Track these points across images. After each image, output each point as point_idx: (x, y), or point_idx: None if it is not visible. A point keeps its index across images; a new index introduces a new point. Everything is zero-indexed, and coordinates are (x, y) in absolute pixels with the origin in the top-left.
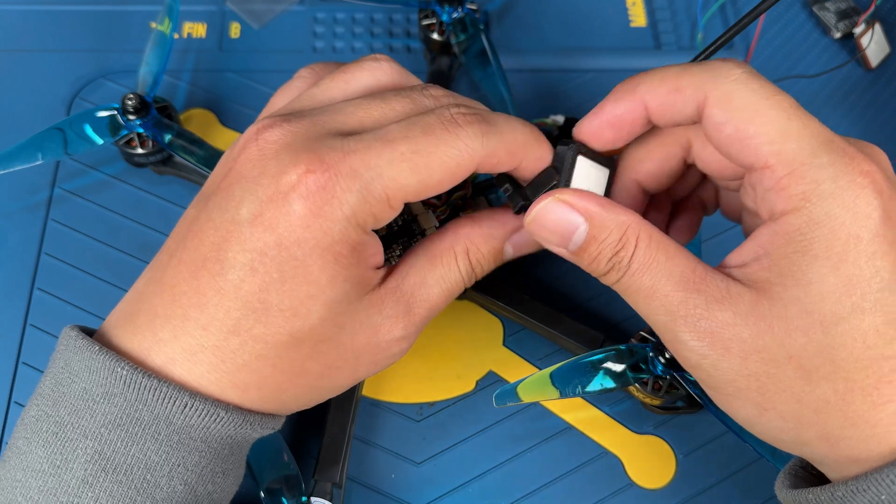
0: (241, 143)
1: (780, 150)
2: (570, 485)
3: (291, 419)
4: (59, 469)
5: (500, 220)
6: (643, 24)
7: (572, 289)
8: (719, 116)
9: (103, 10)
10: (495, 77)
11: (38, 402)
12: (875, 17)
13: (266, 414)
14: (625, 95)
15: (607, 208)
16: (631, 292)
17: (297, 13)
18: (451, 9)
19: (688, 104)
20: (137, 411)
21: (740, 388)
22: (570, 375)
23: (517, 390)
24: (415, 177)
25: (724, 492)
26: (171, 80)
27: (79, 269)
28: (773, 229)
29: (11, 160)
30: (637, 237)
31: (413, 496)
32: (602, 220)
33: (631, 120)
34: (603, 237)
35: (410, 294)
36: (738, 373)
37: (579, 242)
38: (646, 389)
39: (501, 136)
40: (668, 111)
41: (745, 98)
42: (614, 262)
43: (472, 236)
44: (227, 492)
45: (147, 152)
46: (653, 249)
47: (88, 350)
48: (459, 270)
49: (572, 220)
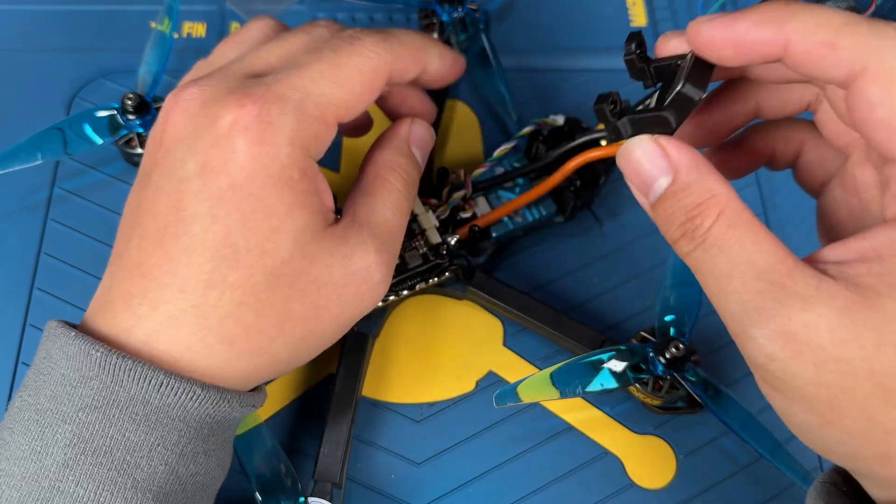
0: (162, 117)
1: None
2: (570, 485)
3: (291, 419)
4: (40, 454)
5: (394, 134)
6: (643, 23)
7: (572, 289)
8: (876, 95)
9: (103, 10)
10: (495, 77)
11: (21, 393)
12: (875, 17)
13: (245, 393)
14: (770, 23)
15: (700, 168)
16: (703, 270)
17: (298, 13)
18: (452, 9)
19: (840, 66)
20: (114, 393)
21: (807, 397)
22: (570, 376)
23: (517, 390)
24: (340, 90)
25: (725, 492)
26: (172, 80)
27: (78, 268)
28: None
29: (11, 160)
30: (720, 211)
31: (413, 496)
32: (688, 177)
33: (763, 52)
34: (682, 197)
35: (368, 222)
36: (809, 380)
37: (658, 194)
38: (646, 389)
39: (401, 41)
40: (812, 64)
41: None
42: (687, 229)
43: (385, 157)
44: (211, 476)
45: None
46: (737, 229)
47: (65, 337)
48: (395, 186)
49: (659, 166)
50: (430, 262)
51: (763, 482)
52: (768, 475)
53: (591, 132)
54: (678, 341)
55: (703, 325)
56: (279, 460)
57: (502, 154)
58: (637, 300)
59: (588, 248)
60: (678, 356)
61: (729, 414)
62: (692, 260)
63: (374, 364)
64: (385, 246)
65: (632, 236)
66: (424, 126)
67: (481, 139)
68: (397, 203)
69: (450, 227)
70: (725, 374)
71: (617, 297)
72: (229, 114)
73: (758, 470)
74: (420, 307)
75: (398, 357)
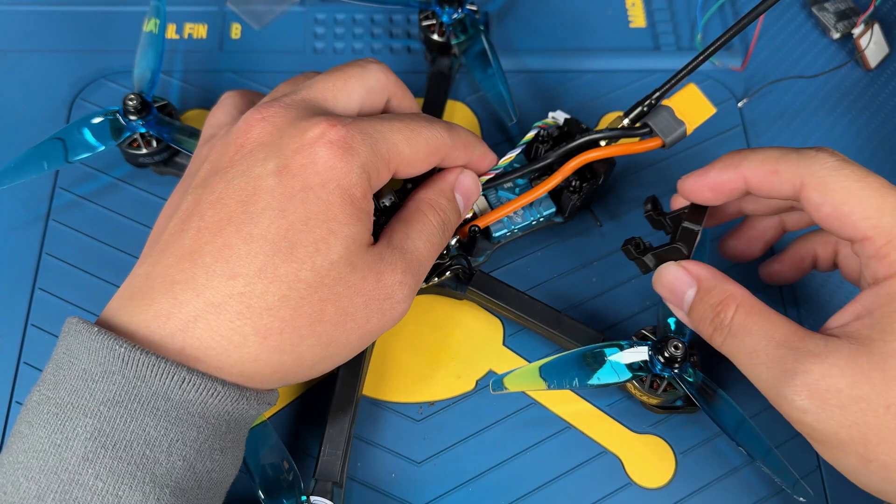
0: (244, 125)
1: (877, 223)
2: (569, 484)
3: (292, 418)
4: (60, 448)
5: (441, 178)
6: (643, 24)
7: (572, 288)
8: (817, 199)
9: (104, 11)
10: (495, 78)
11: (40, 388)
12: (874, 17)
13: (262, 391)
14: (729, 167)
15: (717, 276)
16: (735, 352)
17: (298, 14)
18: (452, 10)
19: (784, 185)
20: (136, 388)
21: (843, 441)
22: (566, 367)
23: (508, 378)
24: (409, 147)
25: (724, 490)
26: (173, 80)
27: (80, 269)
28: (875, 292)
29: (18, 173)
30: (738, 304)
31: (413, 495)
32: (708, 284)
33: (731, 188)
34: (707, 299)
35: (401, 247)
36: (840, 424)
37: (689, 302)
38: (644, 388)
39: (458, 133)
40: (765, 187)
41: (839, 182)
42: (716, 324)
43: (428, 196)
44: (225, 473)
45: (150, 152)
46: (753, 315)
47: (87, 332)
48: (432, 221)
49: (685, 281)
50: None
51: (762, 480)
52: (767, 474)
53: (590, 133)
54: (678, 341)
55: None
56: (283, 458)
57: (506, 163)
58: (637, 300)
59: (588, 248)
60: (677, 356)
61: (723, 416)
62: (727, 348)
63: (374, 364)
64: (411, 270)
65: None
66: (473, 178)
67: None
68: (430, 236)
69: None
70: (725, 376)
71: (617, 297)
72: (318, 127)
73: (756, 469)
74: (420, 307)
75: (398, 357)
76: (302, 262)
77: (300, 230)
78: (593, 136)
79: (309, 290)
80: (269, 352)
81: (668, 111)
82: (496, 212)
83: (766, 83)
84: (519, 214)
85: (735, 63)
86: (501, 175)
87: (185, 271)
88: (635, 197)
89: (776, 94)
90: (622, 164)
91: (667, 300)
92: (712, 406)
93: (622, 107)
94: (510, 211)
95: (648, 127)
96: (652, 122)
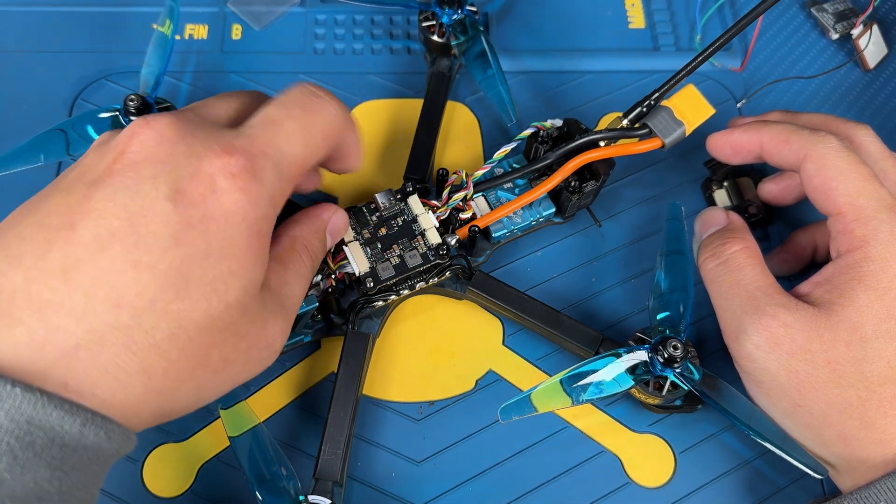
0: (128, 132)
1: (853, 202)
2: (568, 483)
3: (292, 418)
4: None
5: (317, 216)
6: (642, 25)
7: (572, 288)
8: (812, 171)
9: (105, 12)
10: (495, 78)
11: None
12: (873, 18)
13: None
14: (751, 130)
15: (746, 227)
16: (721, 280)
17: (298, 15)
18: (451, 10)
19: (790, 154)
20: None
21: (781, 384)
22: (577, 381)
23: (531, 398)
24: (307, 150)
25: (723, 489)
26: (174, 81)
27: None
28: (837, 263)
29: (13, 161)
30: (745, 246)
31: (413, 494)
32: (734, 225)
33: (748, 149)
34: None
35: (279, 293)
36: (783, 367)
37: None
38: (647, 390)
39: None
40: (775, 153)
41: (834, 161)
42: (717, 252)
43: (303, 235)
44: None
45: None
46: (752, 259)
47: None
48: (306, 264)
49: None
50: (430, 261)
51: (761, 479)
52: (766, 473)
53: (590, 133)
54: (675, 340)
55: (705, 326)
56: (278, 459)
57: (502, 156)
58: (636, 300)
59: (587, 248)
60: (676, 356)
61: (734, 407)
62: (715, 273)
63: (374, 363)
64: (289, 318)
65: (630, 237)
66: (344, 218)
67: (481, 140)
68: (304, 281)
69: (450, 227)
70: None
71: (616, 297)
72: (216, 156)
73: (756, 467)
74: (420, 307)
75: (398, 356)
76: (196, 302)
77: (197, 265)
78: (593, 137)
79: (199, 332)
80: (150, 394)
81: (667, 112)
82: (496, 212)
83: (766, 84)
84: (518, 214)
85: (734, 64)
86: (501, 175)
87: (56, 290)
88: (635, 197)
89: (775, 94)
90: (622, 164)
91: (699, 229)
92: (722, 399)
93: (621, 107)
94: (510, 211)
95: (648, 127)
96: (651, 122)
